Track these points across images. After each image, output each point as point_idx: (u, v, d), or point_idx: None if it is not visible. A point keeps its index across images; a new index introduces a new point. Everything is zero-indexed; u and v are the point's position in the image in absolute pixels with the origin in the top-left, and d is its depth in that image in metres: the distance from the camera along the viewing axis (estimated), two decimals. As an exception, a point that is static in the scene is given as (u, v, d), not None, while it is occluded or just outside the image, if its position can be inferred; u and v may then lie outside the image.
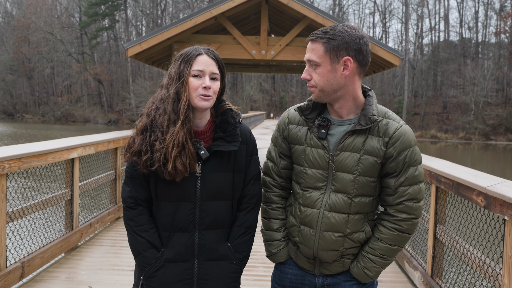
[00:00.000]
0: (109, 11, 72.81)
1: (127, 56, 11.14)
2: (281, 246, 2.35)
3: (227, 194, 2.23)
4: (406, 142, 2.13)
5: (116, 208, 7.34)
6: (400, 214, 2.17)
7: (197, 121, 2.21)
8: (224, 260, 2.23)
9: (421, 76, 68.42)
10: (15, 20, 78.98)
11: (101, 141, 6.62)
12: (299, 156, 2.24)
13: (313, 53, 2.14)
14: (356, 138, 2.14)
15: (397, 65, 11.12)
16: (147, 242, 2.18)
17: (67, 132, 44.44)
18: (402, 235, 2.19)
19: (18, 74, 75.63)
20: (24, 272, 4.67)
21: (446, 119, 62.09)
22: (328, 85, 2.14)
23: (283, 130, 2.33)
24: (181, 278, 2.17)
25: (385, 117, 2.17)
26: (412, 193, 2.15)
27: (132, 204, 2.21)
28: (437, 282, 4.64)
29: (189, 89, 2.14)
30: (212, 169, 2.19)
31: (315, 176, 2.19)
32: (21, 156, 4.52)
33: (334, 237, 2.18)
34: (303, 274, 2.33)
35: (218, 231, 2.23)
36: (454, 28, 79.38)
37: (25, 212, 4.84)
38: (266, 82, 77.60)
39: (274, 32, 16.22)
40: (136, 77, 71.10)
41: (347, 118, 2.20)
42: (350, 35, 2.11)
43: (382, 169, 2.16)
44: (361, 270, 2.24)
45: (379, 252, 2.21)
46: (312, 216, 2.20)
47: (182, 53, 2.19)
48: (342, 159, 2.14)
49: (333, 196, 2.17)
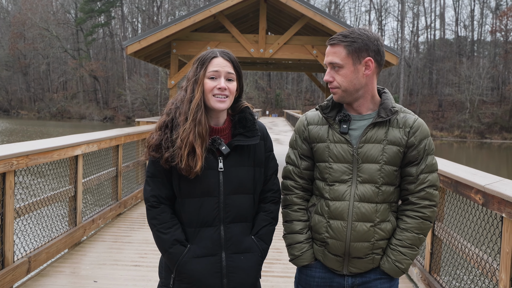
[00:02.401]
0: (105, 7, 72.72)
1: (126, 54, 11.20)
2: (304, 249, 2.36)
3: (249, 188, 2.30)
4: (425, 131, 2.29)
5: (117, 204, 7.43)
6: (423, 201, 2.27)
7: (215, 119, 2.31)
8: (250, 252, 2.30)
9: (416, 74, 68.66)
10: (10, 16, 78.77)
11: (104, 138, 6.70)
12: (323, 152, 2.31)
13: (335, 56, 2.24)
14: (378, 130, 2.26)
15: (394, 63, 11.22)
16: (171, 239, 2.24)
17: (64, 128, 44.39)
18: (425, 223, 2.28)
19: (14, 70, 75.44)
20: (31, 266, 4.76)
21: (442, 117, 62.35)
22: (351, 85, 2.25)
23: (302, 131, 2.41)
24: (210, 271, 2.24)
25: (401, 111, 2.31)
26: (432, 180, 2.27)
27: (155, 203, 2.27)
28: (435, 278, 4.75)
29: (205, 91, 2.23)
30: (234, 164, 2.27)
31: (341, 170, 2.26)
32: (28, 153, 4.60)
33: (365, 227, 2.24)
34: (331, 277, 2.34)
35: (242, 224, 2.30)
36: (450, 27, 79.77)
37: (31, 208, 4.92)
38: (262, 79, 77.69)
39: (272, 31, 16.31)
40: (132, 73, 71.03)
41: (366, 113, 2.31)
42: (368, 37, 2.25)
43: (404, 158, 2.27)
44: (392, 264, 2.28)
45: (408, 243, 2.26)
46: (342, 208, 2.25)
47: (199, 57, 2.28)
48: (366, 150, 2.24)
49: (361, 187, 2.24)
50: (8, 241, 4.36)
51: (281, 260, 5.55)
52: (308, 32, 13.06)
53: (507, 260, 3.29)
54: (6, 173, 4.29)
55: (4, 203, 4.30)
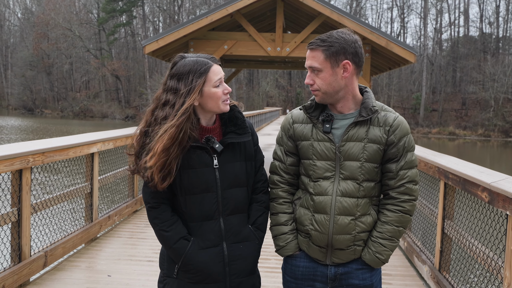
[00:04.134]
0: (127, 7, 73.37)
1: (144, 53, 11.34)
2: (289, 239, 2.48)
3: (243, 182, 2.43)
4: (404, 129, 2.39)
5: (134, 201, 7.56)
6: (402, 195, 2.38)
7: (208, 120, 2.42)
8: (248, 241, 2.44)
9: (439, 72, 67.74)
10: (34, 17, 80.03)
11: (120, 136, 6.83)
12: (307, 150, 2.42)
13: (314, 60, 2.34)
14: (359, 129, 2.35)
15: (412, 61, 11.16)
16: (174, 235, 2.36)
17: (85, 127, 45.01)
18: (405, 216, 2.39)
19: (38, 70, 76.67)
20: (47, 260, 4.90)
21: (465, 115, 61.49)
22: (331, 88, 2.35)
23: (288, 129, 2.52)
24: (215, 261, 2.37)
25: (382, 109, 2.41)
26: (411, 176, 2.38)
27: (155, 204, 2.40)
28: (444, 275, 4.76)
29: (214, 99, 2.33)
30: (227, 160, 2.39)
31: (324, 167, 2.37)
32: (44, 151, 4.74)
33: (347, 220, 2.35)
34: (315, 266, 2.45)
35: (240, 215, 2.44)
36: (474, 23, 78.38)
37: (48, 204, 5.06)
38: (283, 78, 77.60)
39: (289, 29, 16.33)
40: (153, 72, 71.57)
41: (348, 113, 2.41)
42: (346, 40, 2.33)
43: (384, 156, 2.38)
44: (373, 256, 2.39)
45: (388, 235, 2.38)
46: (325, 202, 2.36)
47: (190, 69, 2.30)
48: (348, 148, 2.34)
49: (343, 183, 2.35)
50: (25, 236, 4.50)
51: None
52: (325, 31, 12.97)
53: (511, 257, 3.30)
54: (23, 169, 4.43)
55: (21, 199, 4.45)
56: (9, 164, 4.19)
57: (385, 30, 76.71)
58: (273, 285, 4.86)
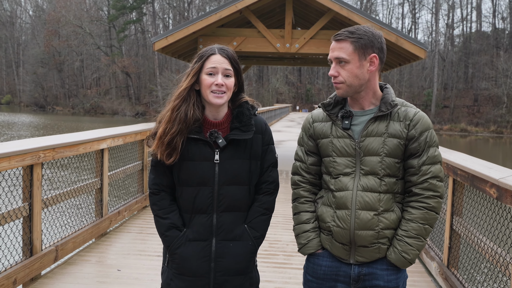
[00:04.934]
0: (137, 4, 73.56)
1: (154, 50, 11.39)
2: (311, 237, 2.45)
3: (244, 180, 2.42)
4: (425, 124, 2.35)
5: (143, 197, 7.61)
6: (426, 191, 2.32)
7: (215, 113, 2.43)
8: (240, 240, 2.43)
9: (451, 68, 67.17)
10: (45, 14, 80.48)
11: (129, 133, 6.89)
12: (327, 147, 2.41)
13: (341, 51, 2.32)
14: (379, 124, 2.34)
15: (423, 57, 11.11)
16: (168, 223, 2.41)
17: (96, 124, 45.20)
18: (430, 213, 2.32)
19: (49, 67, 77.10)
20: (58, 255, 4.97)
21: (477, 112, 60.96)
22: (356, 80, 2.34)
23: (308, 129, 2.52)
24: (200, 255, 2.38)
25: (402, 105, 2.39)
26: (434, 171, 2.32)
27: (156, 190, 2.44)
28: (452, 272, 4.76)
29: (203, 86, 2.36)
30: (229, 157, 2.39)
31: (344, 163, 2.36)
32: (54, 146, 4.80)
33: (369, 215, 2.31)
34: (338, 265, 2.41)
35: (235, 213, 2.42)
36: (487, 19, 77.55)
37: (58, 199, 5.12)
38: (292, 74, 77.46)
39: (299, 25, 16.30)
40: (163, 69, 71.77)
41: (368, 108, 2.40)
42: (373, 34, 2.34)
43: (406, 151, 2.34)
44: (399, 255, 2.32)
45: (413, 233, 2.31)
46: (346, 197, 2.33)
47: (199, 53, 2.43)
48: (367, 144, 2.33)
49: (364, 179, 2.33)
50: (36, 230, 4.57)
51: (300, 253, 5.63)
52: (335, 27, 13.00)
53: (519, 253, 3.31)
54: (34, 165, 4.49)
55: (32, 194, 4.51)
56: (20, 159, 4.25)
57: (396, 26, 76.27)
58: (281, 280, 4.89)
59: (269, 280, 4.84)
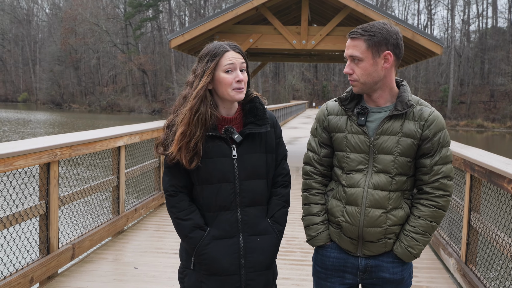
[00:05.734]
0: (153, 1, 73.81)
1: (170, 47, 11.40)
2: (320, 230, 2.49)
3: (262, 173, 2.42)
4: (440, 124, 2.35)
5: (160, 194, 7.62)
6: (437, 191, 2.35)
7: (228, 110, 2.41)
8: (266, 234, 2.42)
9: (467, 64, 66.57)
10: (62, 12, 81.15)
11: (146, 130, 6.89)
12: (341, 142, 2.41)
13: (355, 49, 2.32)
14: (394, 123, 2.34)
15: (439, 53, 11.01)
16: (191, 224, 2.36)
17: (112, 121, 45.53)
18: (439, 211, 2.37)
19: (66, 65, 77.78)
20: (75, 253, 4.98)
21: (493, 107, 60.35)
22: (370, 78, 2.33)
23: (323, 121, 2.51)
24: (229, 252, 2.36)
25: (418, 104, 2.38)
26: (446, 171, 2.35)
27: (173, 192, 2.40)
28: (470, 268, 4.71)
29: (223, 85, 2.32)
30: (246, 151, 2.38)
31: (357, 160, 2.37)
32: (71, 144, 4.80)
33: (378, 213, 2.34)
34: (346, 257, 2.45)
35: (258, 207, 2.42)
36: (503, 14, 76.58)
37: (75, 197, 5.13)
38: (308, 71, 77.23)
39: (315, 22, 16.22)
40: (179, 67, 71.98)
41: (384, 106, 2.39)
42: (388, 31, 2.32)
43: (418, 150, 2.35)
44: (405, 250, 2.38)
45: (421, 229, 2.36)
46: (357, 194, 2.36)
47: (208, 52, 2.35)
48: (382, 142, 2.33)
49: (376, 177, 2.35)
50: (53, 228, 4.58)
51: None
52: (351, 23, 12.93)
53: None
54: (51, 163, 4.50)
55: (49, 192, 4.52)
56: (37, 157, 4.26)
57: (412, 22, 75.65)
58: (298, 277, 4.86)
59: (287, 278, 4.81)
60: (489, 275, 4.49)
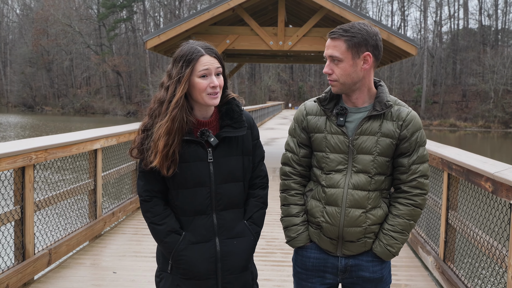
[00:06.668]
0: (127, 2, 73.16)
1: (146, 48, 11.30)
2: (300, 231, 2.49)
3: (239, 176, 2.39)
4: (417, 124, 2.39)
5: (137, 198, 7.51)
6: (414, 189, 2.40)
7: (203, 113, 2.37)
8: (242, 237, 2.40)
9: (440, 64, 67.71)
10: (33, 13, 79.82)
11: (123, 132, 6.80)
12: (320, 143, 2.41)
13: (335, 49, 2.32)
14: (373, 123, 2.36)
15: (414, 54, 11.15)
16: (166, 229, 2.33)
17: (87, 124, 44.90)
18: (416, 210, 2.41)
19: (37, 67, 76.46)
20: (51, 258, 4.88)
21: (465, 107, 61.47)
22: (349, 79, 2.34)
23: (301, 121, 2.50)
24: (206, 256, 2.33)
25: (395, 104, 2.41)
26: (423, 170, 2.39)
27: (147, 197, 2.36)
28: (449, 265, 4.78)
29: (197, 90, 2.27)
30: (223, 154, 2.35)
31: (337, 160, 2.38)
32: (47, 147, 4.70)
33: (358, 213, 2.36)
34: (326, 258, 2.47)
35: (234, 210, 2.40)
36: (474, 16, 78.26)
37: (51, 201, 5.03)
38: (284, 72, 77.46)
39: (291, 23, 16.27)
40: (154, 68, 71.49)
41: (362, 106, 2.40)
42: (368, 32, 2.32)
43: (396, 150, 2.39)
44: (384, 248, 2.41)
45: (399, 228, 2.40)
46: (337, 195, 2.37)
47: (182, 55, 2.28)
48: (361, 142, 2.35)
49: (355, 176, 2.36)
50: (28, 234, 4.48)
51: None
52: (327, 24, 13.01)
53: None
54: (25, 167, 4.40)
55: (24, 197, 4.42)
56: (11, 161, 4.16)
57: (386, 23, 76.54)
58: (279, 278, 4.84)
59: (268, 279, 4.79)
60: (467, 272, 4.54)
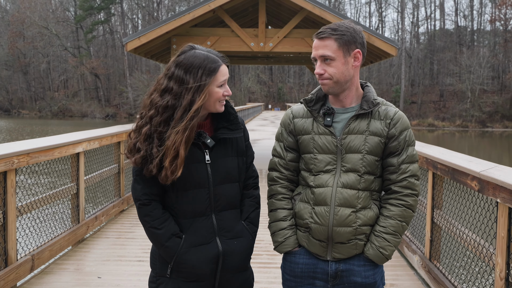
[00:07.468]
0: (105, 4, 72.53)
1: (126, 51, 11.20)
2: (287, 235, 2.43)
3: (235, 177, 2.40)
4: (405, 123, 2.39)
5: (120, 201, 7.46)
6: (405, 189, 2.36)
7: (202, 117, 2.37)
8: (242, 237, 2.40)
9: (417, 65, 68.55)
10: (9, 15, 78.61)
11: (105, 135, 6.73)
12: (308, 144, 2.39)
13: (326, 49, 2.32)
14: (360, 122, 2.35)
15: (394, 55, 11.24)
16: (166, 233, 2.30)
17: (65, 127, 44.39)
18: (408, 211, 2.36)
19: (14, 70, 75.35)
20: (34, 264, 4.80)
21: (443, 107, 62.29)
22: (343, 77, 2.34)
23: (288, 124, 2.49)
24: (209, 257, 2.32)
25: (383, 104, 2.40)
26: (413, 170, 2.37)
27: (146, 200, 2.32)
28: (435, 264, 4.81)
29: (213, 98, 2.29)
30: (219, 156, 2.35)
31: (325, 160, 2.36)
32: (29, 152, 4.63)
33: (347, 211, 2.31)
34: (315, 263, 2.40)
35: (232, 211, 2.40)
36: (450, 17, 79.60)
37: (34, 206, 4.95)
38: (264, 73, 77.59)
39: (272, 24, 16.29)
40: (133, 70, 70.98)
41: (349, 106, 2.40)
42: (355, 30, 2.34)
43: (385, 149, 2.37)
44: (376, 251, 2.34)
45: (391, 229, 2.34)
46: (325, 193, 2.33)
47: (201, 63, 2.26)
48: (349, 141, 2.33)
49: (344, 176, 2.34)
50: (10, 240, 4.40)
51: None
52: (307, 25, 13.04)
53: (503, 244, 3.35)
54: (7, 171, 4.32)
55: (6, 202, 4.34)
56: (-7, 166, 4.08)
57: (364, 24, 77.04)
58: (266, 280, 4.83)
59: (255, 281, 4.75)
60: (454, 270, 4.59)
